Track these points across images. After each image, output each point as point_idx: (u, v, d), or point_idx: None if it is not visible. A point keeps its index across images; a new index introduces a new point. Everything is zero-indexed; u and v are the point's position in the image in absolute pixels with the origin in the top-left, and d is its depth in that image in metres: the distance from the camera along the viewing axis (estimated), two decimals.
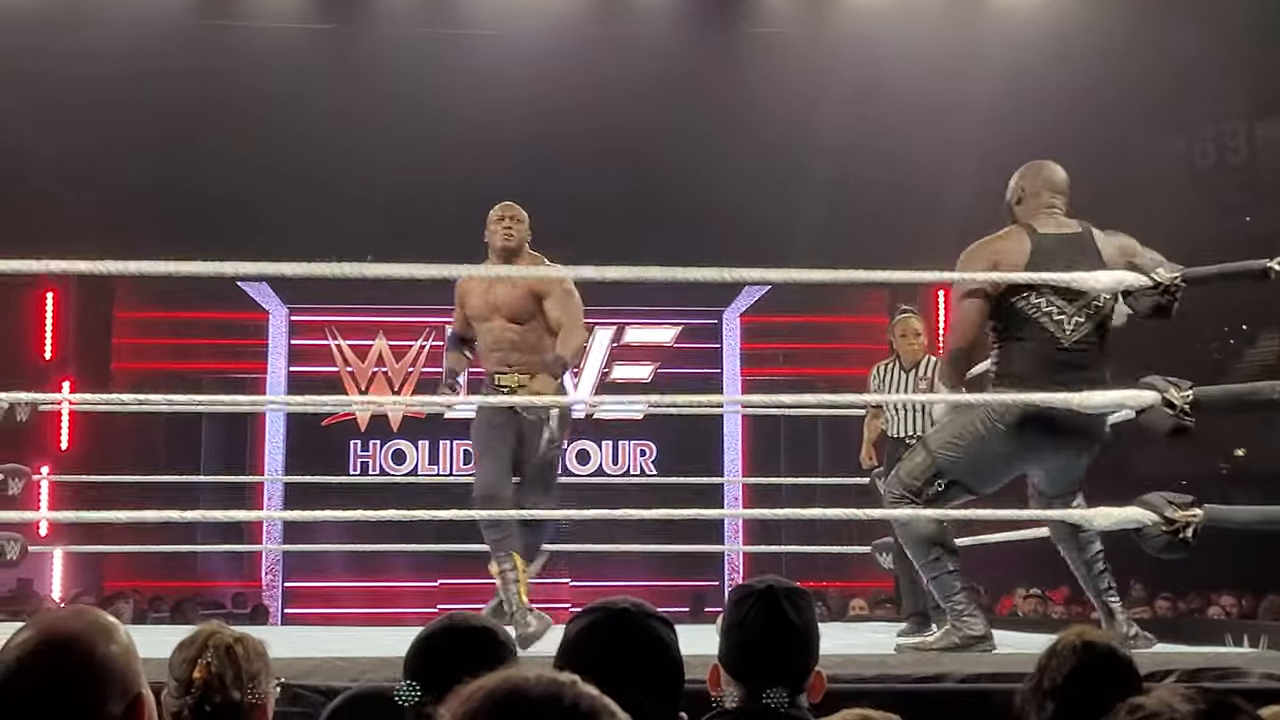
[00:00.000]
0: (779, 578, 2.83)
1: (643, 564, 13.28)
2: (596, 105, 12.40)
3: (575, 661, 2.11)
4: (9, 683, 1.93)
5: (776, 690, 2.50)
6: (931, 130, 12.47)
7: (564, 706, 1.30)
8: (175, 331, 15.43)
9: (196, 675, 2.73)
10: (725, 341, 15.55)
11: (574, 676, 1.34)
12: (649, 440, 15.22)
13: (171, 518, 5.50)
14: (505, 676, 1.31)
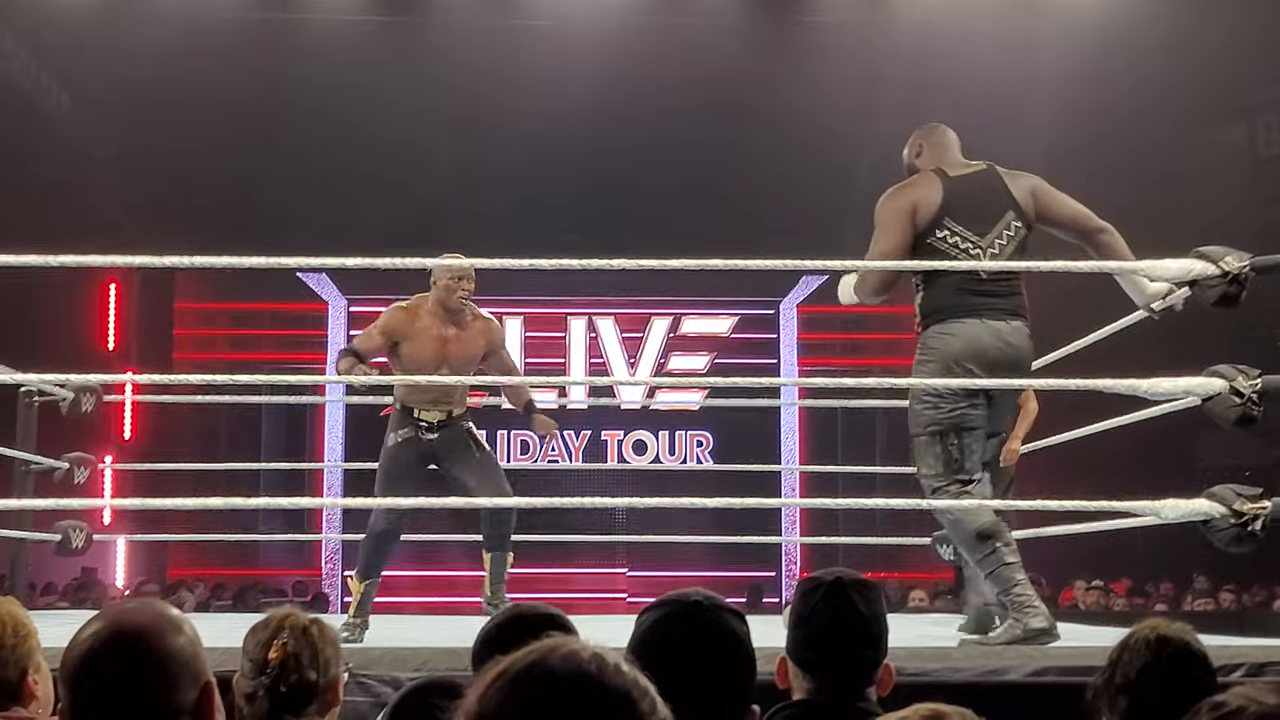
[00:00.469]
0: (847, 569, 2.82)
1: (700, 555, 13.26)
2: (653, 96, 12.38)
3: (646, 654, 2.11)
4: (81, 673, 1.95)
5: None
6: (989, 119, 12.37)
7: (591, 686, 1.27)
8: (235, 322, 15.53)
9: (273, 655, 2.74)
10: (782, 332, 15.51)
11: (603, 652, 1.31)
12: (706, 430, 15.20)
13: (235, 505, 5.53)
14: (533, 655, 1.29)
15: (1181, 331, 6.07)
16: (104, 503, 11.05)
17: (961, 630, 6.85)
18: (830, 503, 6.90)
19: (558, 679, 1.27)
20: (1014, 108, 12.30)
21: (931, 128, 5.80)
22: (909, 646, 4.71)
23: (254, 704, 2.75)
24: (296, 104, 12.54)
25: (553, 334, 15.28)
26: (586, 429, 15.16)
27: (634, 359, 15.21)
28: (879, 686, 2.71)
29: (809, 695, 2.67)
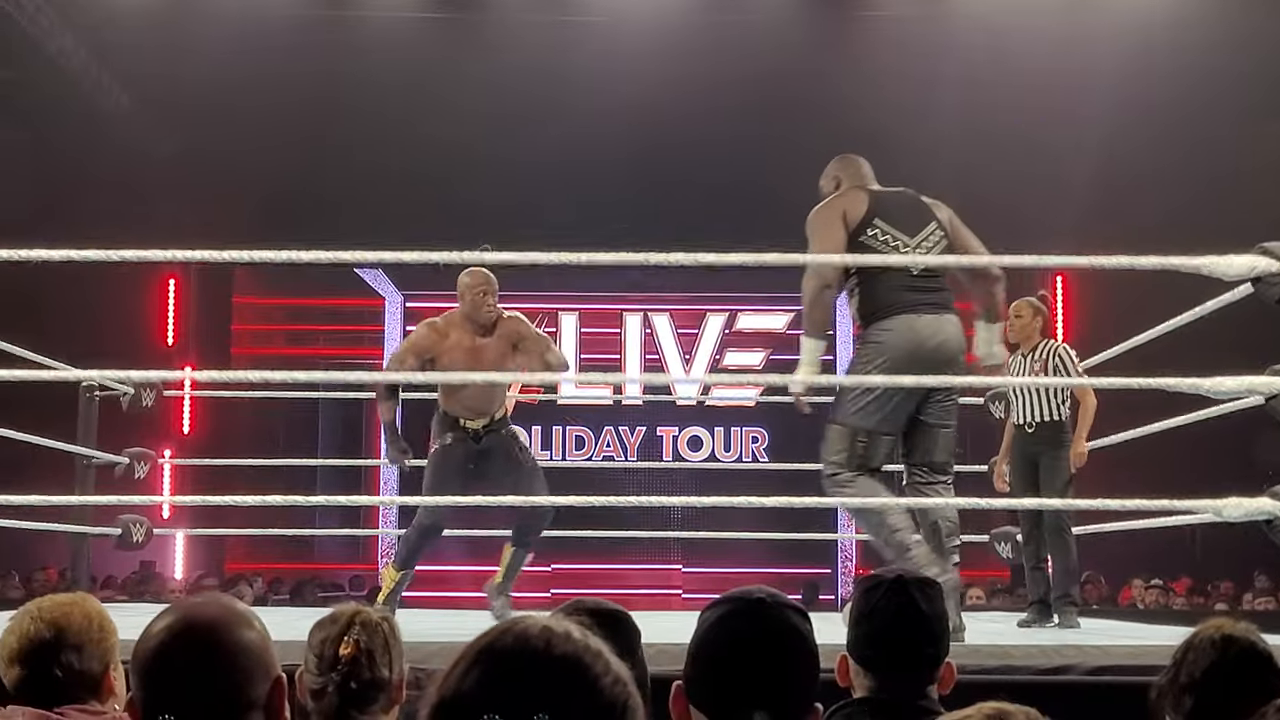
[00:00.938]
0: (906, 568, 2.81)
1: (755, 551, 13.23)
2: (707, 92, 12.36)
3: (709, 652, 2.10)
4: (153, 666, 1.97)
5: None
6: (1048, 114, 12.31)
7: (540, 659, 1.32)
8: (293, 318, 15.63)
9: (344, 652, 2.73)
10: (838, 327, 15.45)
11: (553, 624, 1.36)
12: (761, 427, 15.17)
13: (295, 501, 5.57)
14: (486, 637, 1.35)
15: (1244, 329, 6.01)
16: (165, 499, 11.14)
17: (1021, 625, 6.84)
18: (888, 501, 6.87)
19: (509, 657, 1.32)
20: (1072, 103, 12.23)
21: (846, 159, 6.19)
22: (967, 644, 4.70)
23: (321, 700, 2.74)
24: (353, 101, 12.60)
25: (608, 330, 15.28)
26: (642, 425, 15.16)
27: (689, 355, 15.19)
28: (940, 684, 2.70)
29: (870, 693, 2.66)
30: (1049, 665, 4.38)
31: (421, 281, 14.70)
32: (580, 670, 1.33)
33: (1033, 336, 7.20)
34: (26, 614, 2.84)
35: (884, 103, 12.23)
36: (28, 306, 11.22)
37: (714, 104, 12.50)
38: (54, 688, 2.77)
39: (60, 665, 2.77)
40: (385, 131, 12.67)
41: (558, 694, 1.31)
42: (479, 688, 1.31)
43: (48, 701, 2.76)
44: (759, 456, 15.00)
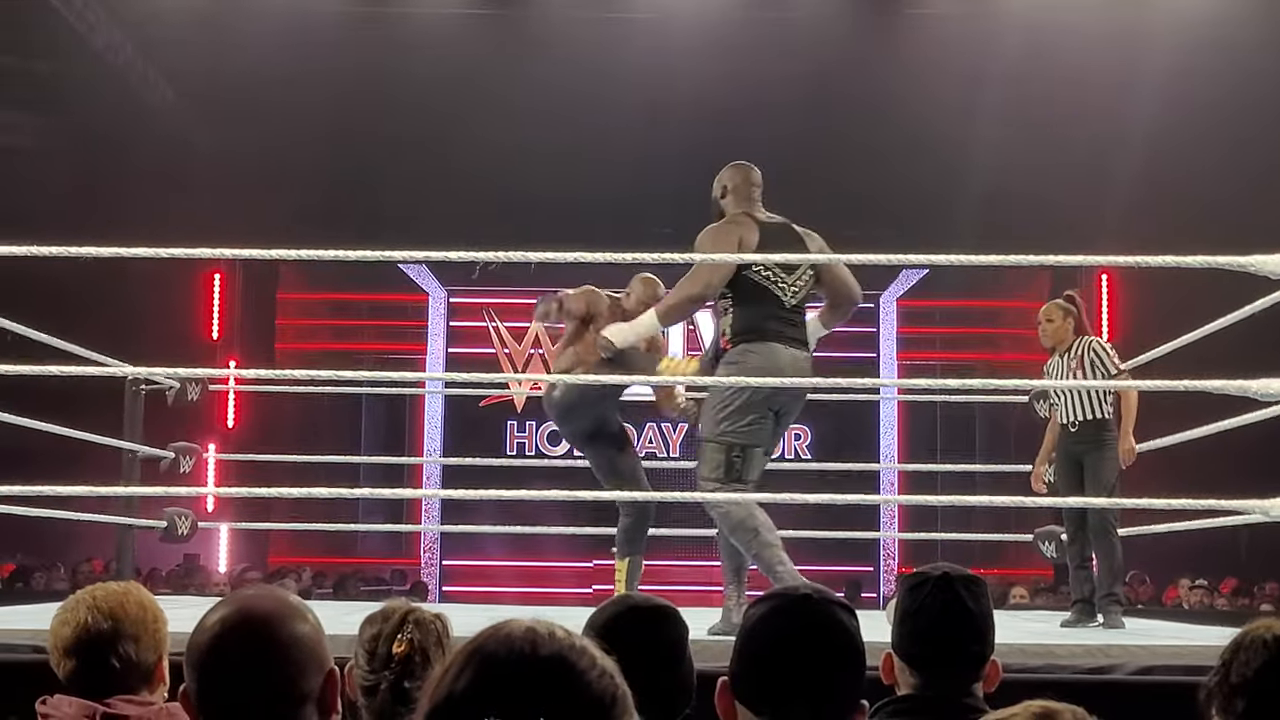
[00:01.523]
0: (953, 564, 2.79)
1: (797, 549, 13.16)
2: (753, 89, 12.34)
3: (755, 647, 2.10)
4: (208, 658, 1.97)
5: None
6: (1095, 113, 12.25)
7: (525, 660, 1.36)
8: (337, 313, 15.69)
9: (398, 650, 2.72)
10: (882, 325, 15.42)
11: (538, 624, 1.41)
12: (804, 425, 15.14)
13: (339, 494, 5.60)
14: (474, 642, 1.40)
15: None
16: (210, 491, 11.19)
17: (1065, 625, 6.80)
18: (930, 500, 6.87)
19: (495, 660, 1.36)
20: (1116, 101, 12.17)
21: (740, 167, 6.34)
22: (1011, 643, 4.68)
23: (374, 697, 2.73)
24: (397, 97, 12.63)
25: None
26: (684, 422, 15.12)
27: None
28: (985, 683, 2.69)
29: (915, 691, 2.65)
30: (1094, 665, 4.36)
31: (465, 277, 14.75)
32: (567, 667, 1.36)
33: (1066, 338, 7.13)
34: (81, 604, 2.83)
35: (928, 100, 12.20)
36: (73, 302, 11.31)
37: (757, 101, 12.49)
38: (109, 679, 2.76)
39: (118, 656, 2.76)
40: (428, 128, 12.69)
41: (547, 692, 1.34)
42: (469, 690, 1.35)
43: (99, 692, 2.75)
44: (802, 454, 14.97)
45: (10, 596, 11.25)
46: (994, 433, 14.47)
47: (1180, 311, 7.20)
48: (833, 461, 12.85)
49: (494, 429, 14.94)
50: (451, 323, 15.40)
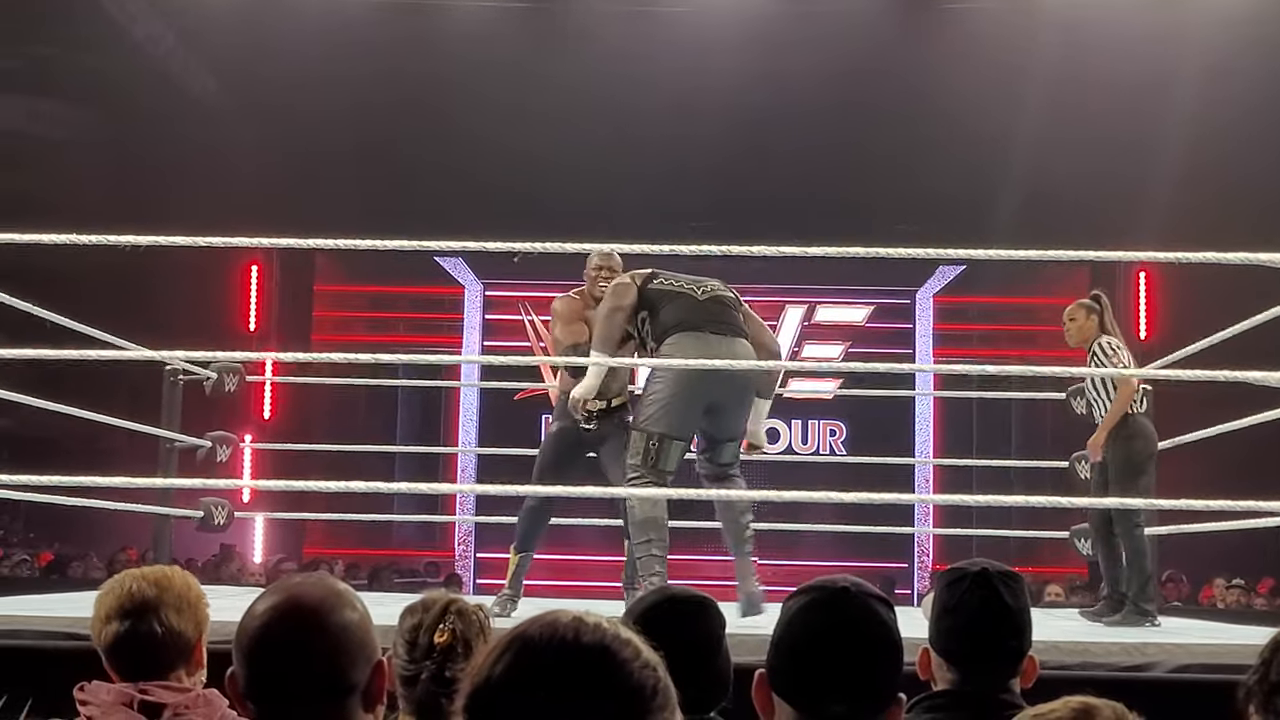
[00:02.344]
0: (990, 560, 2.79)
1: (831, 545, 13.21)
2: (794, 82, 12.32)
3: (792, 640, 2.09)
4: (258, 645, 1.98)
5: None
6: (1134, 109, 12.19)
7: (568, 648, 1.38)
8: (373, 305, 15.73)
9: (439, 640, 2.72)
10: (918, 322, 15.38)
11: (583, 615, 1.42)
12: (839, 420, 15.11)
13: (375, 488, 5.61)
14: (518, 629, 1.41)
15: None
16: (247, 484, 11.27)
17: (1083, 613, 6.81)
18: (966, 499, 6.84)
19: (537, 646, 1.38)
20: (1156, 97, 12.10)
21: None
22: (1046, 640, 4.66)
23: (413, 688, 2.72)
24: (436, 89, 12.65)
25: None
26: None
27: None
28: (1022, 678, 2.68)
29: (952, 686, 2.65)
30: (1130, 663, 4.34)
31: (501, 270, 14.76)
32: (609, 656, 1.38)
33: (1092, 335, 7.06)
34: (127, 575, 2.85)
35: (965, 95, 12.16)
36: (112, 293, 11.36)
37: (792, 96, 12.46)
38: (151, 645, 2.75)
39: (161, 622, 2.76)
40: (466, 120, 12.71)
41: (587, 679, 1.35)
42: (510, 674, 1.36)
43: (141, 661, 2.75)
44: (837, 450, 14.94)
45: (47, 585, 11.33)
46: (1030, 430, 14.41)
47: (1218, 309, 7.15)
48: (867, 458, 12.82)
49: (529, 423, 14.94)
50: (487, 316, 15.42)
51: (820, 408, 15.08)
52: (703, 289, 5.96)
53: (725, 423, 5.94)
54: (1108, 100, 12.14)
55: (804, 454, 14.80)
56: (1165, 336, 12.62)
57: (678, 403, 5.79)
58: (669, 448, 5.80)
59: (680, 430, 5.83)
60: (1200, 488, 5.41)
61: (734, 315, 5.97)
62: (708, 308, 5.91)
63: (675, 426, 5.81)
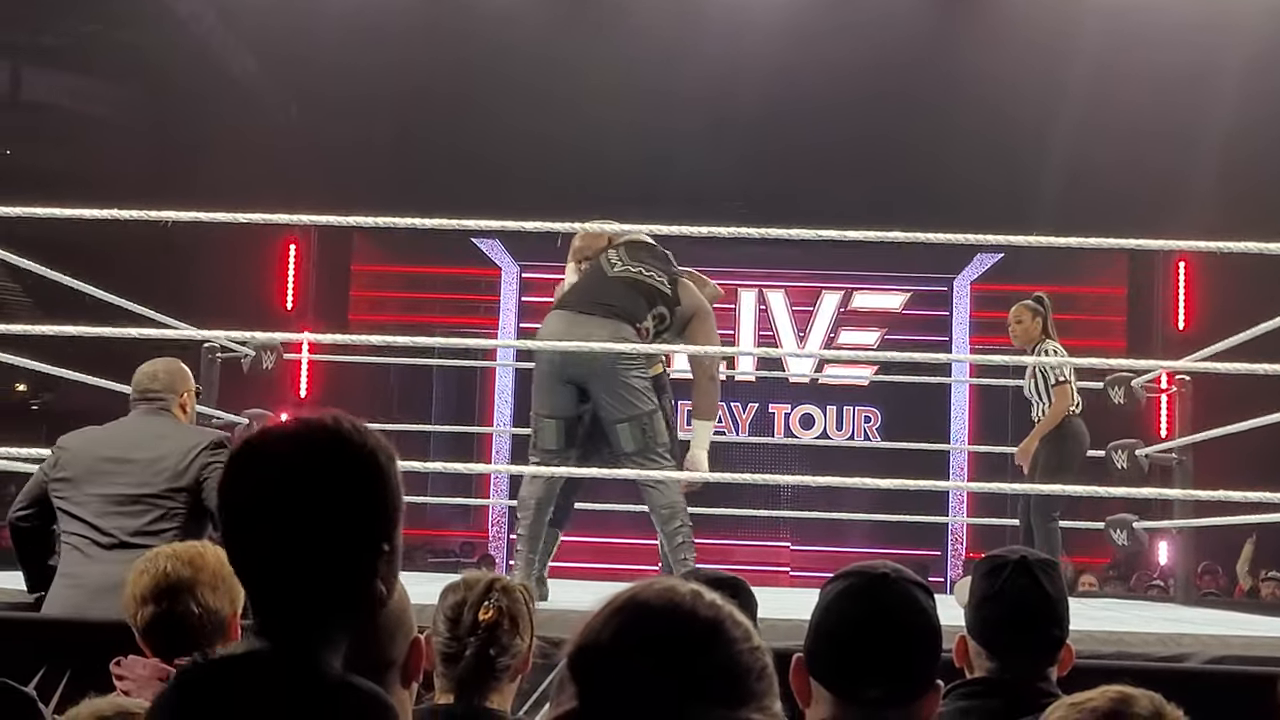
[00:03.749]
0: (1028, 549, 2.78)
1: (864, 531, 13.20)
2: (832, 69, 12.28)
3: (831, 625, 2.09)
4: None
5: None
6: (1176, 98, 12.10)
7: (683, 614, 1.40)
8: (409, 285, 15.76)
9: (484, 616, 2.72)
10: (955, 309, 15.33)
11: (700, 589, 1.45)
12: (874, 407, 15.08)
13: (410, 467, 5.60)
14: (633, 589, 1.44)
15: None
16: None
17: None
18: (1001, 487, 6.85)
19: (653, 610, 1.40)
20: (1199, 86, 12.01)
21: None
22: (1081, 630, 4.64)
23: (453, 665, 2.73)
24: (475, 71, 12.65)
25: (723, 305, 15.22)
26: (754, 401, 15.13)
27: (803, 333, 15.13)
28: (1059, 667, 2.68)
29: (990, 674, 2.65)
30: (1165, 653, 4.32)
31: (538, 252, 14.76)
32: (721, 632, 1.40)
33: (1035, 337, 7.22)
34: (160, 555, 2.87)
35: (1007, 84, 12.11)
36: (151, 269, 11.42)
37: (833, 82, 12.42)
38: (187, 625, 2.77)
39: (196, 602, 2.78)
40: (503, 103, 12.72)
41: (696, 650, 1.37)
42: (621, 638, 1.38)
43: (177, 641, 2.76)
44: (871, 436, 14.91)
45: None
46: None
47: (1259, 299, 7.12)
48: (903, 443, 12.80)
49: None
50: (524, 298, 15.42)
51: (855, 394, 15.05)
52: (620, 268, 5.93)
53: (598, 404, 5.87)
54: (1149, 88, 12.05)
55: (838, 440, 14.78)
56: (1204, 327, 12.54)
57: (541, 380, 5.92)
58: (542, 426, 5.91)
59: (549, 408, 5.90)
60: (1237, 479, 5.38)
61: (625, 298, 5.87)
62: (600, 287, 5.89)
63: (543, 404, 5.93)
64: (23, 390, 15.90)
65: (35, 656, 3.50)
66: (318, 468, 1.66)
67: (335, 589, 1.68)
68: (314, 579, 1.66)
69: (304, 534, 1.65)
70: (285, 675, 1.62)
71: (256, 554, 1.66)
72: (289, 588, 1.66)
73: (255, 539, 1.66)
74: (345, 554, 1.67)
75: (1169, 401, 8.97)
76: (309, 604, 1.67)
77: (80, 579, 4.18)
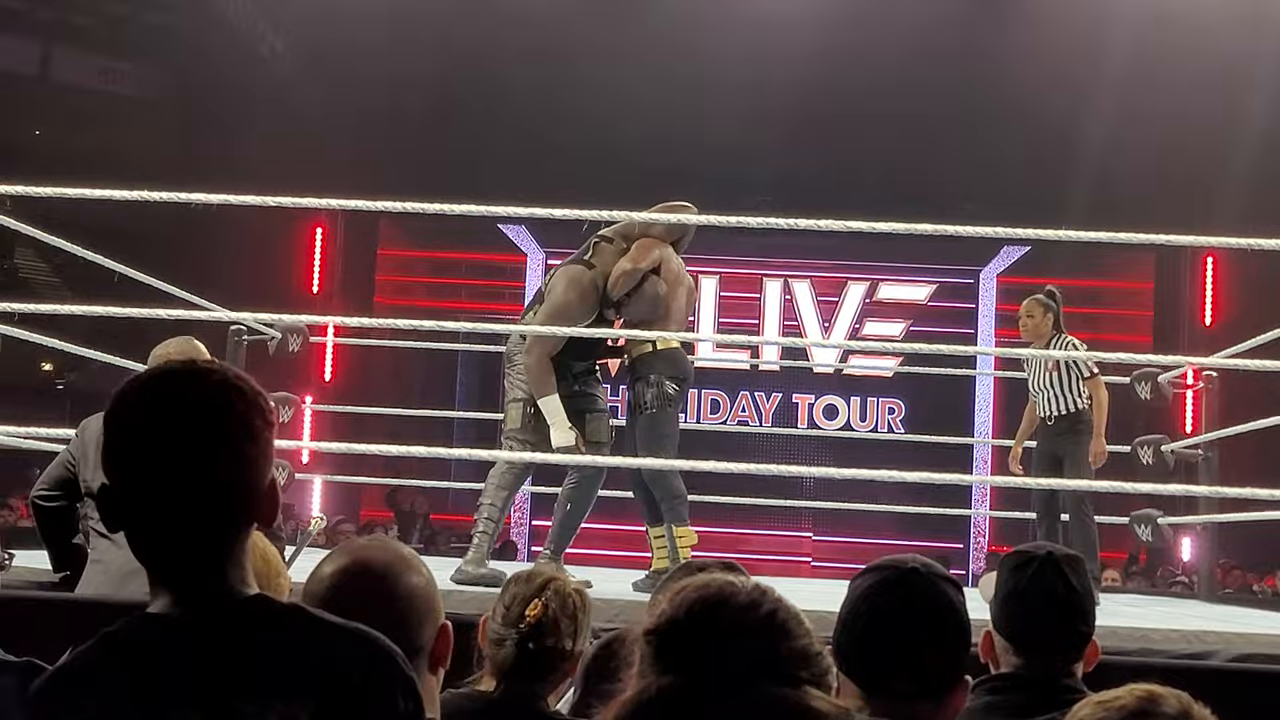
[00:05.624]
0: (1053, 544, 2.77)
1: (886, 523, 13.17)
2: (864, 61, 12.26)
3: (860, 619, 2.09)
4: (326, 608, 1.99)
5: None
6: (1208, 95, 12.06)
7: (763, 611, 1.53)
8: (435, 271, 15.77)
9: (531, 612, 2.77)
10: (981, 302, 15.30)
11: (768, 587, 1.60)
12: (898, 398, 15.05)
13: (435, 453, 5.62)
14: (717, 580, 1.56)
15: None
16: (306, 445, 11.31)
17: None
18: (1026, 482, 6.84)
19: (739, 601, 1.54)
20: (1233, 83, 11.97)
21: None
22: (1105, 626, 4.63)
23: (498, 650, 2.79)
24: (504, 56, 12.66)
25: (748, 295, 15.24)
26: (778, 392, 15.11)
27: (828, 323, 15.11)
28: (1084, 663, 2.67)
29: (1016, 670, 2.64)
30: (1190, 650, 4.31)
31: (565, 239, 14.75)
32: (786, 630, 1.53)
33: (1046, 333, 7.23)
34: None
35: (1038, 78, 12.07)
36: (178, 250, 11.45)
37: (863, 74, 12.41)
38: None
39: None
40: (532, 91, 12.72)
41: (764, 645, 1.51)
42: (696, 617, 1.51)
43: None
44: (895, 428, 14.88)
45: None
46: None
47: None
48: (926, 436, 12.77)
49: None
50: None
51: (880, 385, 15.03)
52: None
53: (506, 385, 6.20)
54: (1181, 83, 12.01)
55: (862, 431, 14.76)
56: (1231, 322, 12.51)
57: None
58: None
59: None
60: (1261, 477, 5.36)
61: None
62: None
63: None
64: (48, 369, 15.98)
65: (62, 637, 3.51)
66: (181, 404, 1.66)
67: (222, 528, 1.69)
68: (200, 521, 1.67)
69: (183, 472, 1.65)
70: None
71: (139, 504, 1.65)
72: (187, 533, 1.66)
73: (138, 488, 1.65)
74: (223, 490, 1.68)
75: (1195, 397, 8.94)
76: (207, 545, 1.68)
77: (107, 564, 4.21)
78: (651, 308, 6.07)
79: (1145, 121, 12.17)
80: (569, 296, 6.01)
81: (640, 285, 6.04)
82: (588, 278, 6.05)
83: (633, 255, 6.04)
